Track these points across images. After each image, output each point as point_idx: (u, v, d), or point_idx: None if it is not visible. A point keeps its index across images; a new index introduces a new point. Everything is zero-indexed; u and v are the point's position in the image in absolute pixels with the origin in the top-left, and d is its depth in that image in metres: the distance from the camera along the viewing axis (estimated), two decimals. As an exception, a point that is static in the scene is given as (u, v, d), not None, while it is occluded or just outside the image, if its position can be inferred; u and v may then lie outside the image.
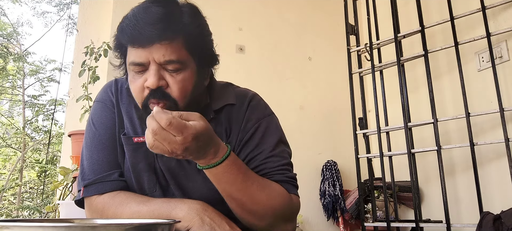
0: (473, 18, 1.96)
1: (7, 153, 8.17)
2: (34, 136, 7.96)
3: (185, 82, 0.83)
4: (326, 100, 2.69)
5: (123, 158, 0.92)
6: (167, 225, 0.52)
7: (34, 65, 8.13)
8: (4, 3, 7.83)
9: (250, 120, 0.94)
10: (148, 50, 0.79)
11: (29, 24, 10.62)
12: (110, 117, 0.95)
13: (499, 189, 1.87)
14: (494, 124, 1.89)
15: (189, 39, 0.82)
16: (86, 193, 0.88)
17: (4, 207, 7.54)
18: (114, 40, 0.87)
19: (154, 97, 0.81)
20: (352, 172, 2.15)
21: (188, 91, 0.84)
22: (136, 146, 0.90)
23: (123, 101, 0.96)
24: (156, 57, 0.79)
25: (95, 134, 0.93)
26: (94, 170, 0.89)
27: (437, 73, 2.21)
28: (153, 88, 0.80)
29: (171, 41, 0.79)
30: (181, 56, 0.81)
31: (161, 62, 0.80)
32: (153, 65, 0.80)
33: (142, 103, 0.83)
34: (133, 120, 0.93)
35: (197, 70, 0.86)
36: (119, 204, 0.85)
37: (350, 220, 2.31)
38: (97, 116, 0.96)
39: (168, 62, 0.80)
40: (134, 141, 0.90)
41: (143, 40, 0.79)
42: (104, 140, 0.92)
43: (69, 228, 0.48)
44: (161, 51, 0.79)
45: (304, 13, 2.78)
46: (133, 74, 0.84)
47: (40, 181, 7.24)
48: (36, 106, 7.81)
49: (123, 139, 0.91)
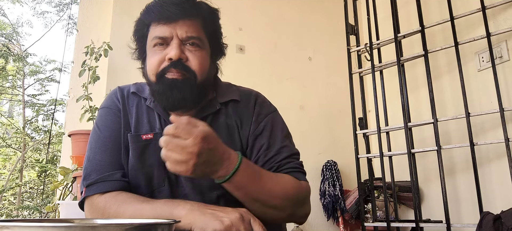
0: (473, 18, 1.96)
1: (7, 153, 8.16)
2: (34, 136, 7.96)
3: (203, 59, 0.92)
4: (326, 100, 2.69)
5: (126, 159, 0.94)
6: (167, 225, 0.52)
7: (34, 65, 8.12)
8: (4, 3, 7.83)
9: (260, 115, 1.01)
10: (172, 26, 0.89)
11: (29, 24, 10.62)
12: (115, 121, 0.97)
13: (499, 189, 1.87)
14: (494, 124, 1.89)
15: (206, 23, 0.93)
16: (87, 192, 0.89)
17: (4, 207, 7.54)
18: (136, 24, 0.97)
19: (175, 67, 0.89)
20: (352, 172, 2.15)
21: (205, 68, 0.93)
22: (145, 142, 0.93)
23: (130, 104, 1.00)
24: (179, 32, 0.89)
25: (100, 136, 0.96)
26: (96, 170, 0.91)
27: (437, 73, 2.21)
28: (174, 60, 0.88)
29: (193, 20, 0.90)
30: (200, 35, 0.91)
31: (183, 38, 0.89)
32: (175, 39, 0.89)
33: (158, 74, 0.90)
34: (142, 118, 0.97)
35: (211, 55, 0.96)
36: (121, 203, 0.86)
37: (350, 220, 2.31)
38: (102, 120, 0.99)
39: (190, 38, 0.90)
40: (143, 138, 0.93)
41: (169, 16, 0.89)
42: (107, 142, 0.94)
43: (69, 228, 0.48)
44: (184, 27, 0.89)
45: (304, 13, 2.78)
46: (154, 50, 0.92)
47: (40, 181, 7.24)
48: (36, 106, 7.81)
49: (131, 137, 0.94)
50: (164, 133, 0.72)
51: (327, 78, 2.74)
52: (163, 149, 0.73)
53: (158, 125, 0.95)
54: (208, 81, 0.96)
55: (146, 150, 0.93)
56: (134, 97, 1.00)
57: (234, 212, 0.75)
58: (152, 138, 0.92)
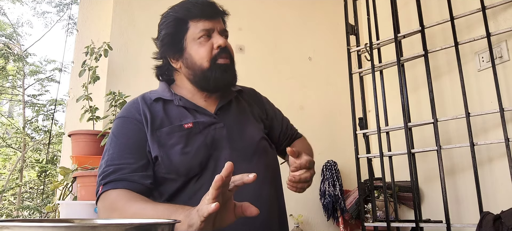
0: (473, 18, 1.96)
1: (7, 153, 8.16)
2: (34, 136, 7.96)
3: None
4: (326, 100, 2.69)
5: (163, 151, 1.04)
6: (167, 225, 0.52)
7: (34, 65, 8.13)
8: (4, 3, 7.83)
9: (267, 103, 1.34)
10: (213, 22, 1.10)
11: (29, 25, 10.62)
12: (132, 129, 1.08)
13: (499, 189, 1.87)
14: (494, 123, 1.89)
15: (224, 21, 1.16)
16: (103, 189, 1.01)
17: (4, 207, 7.54)
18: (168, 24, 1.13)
19: (224, 53, 1.10)
20: (352, 172, 2.15)
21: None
22: (188, 130, 1.07)
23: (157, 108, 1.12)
24: (218, 27, 1.11)
25: (117, 143, 1.07)
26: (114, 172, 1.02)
27: (437, 73, 2.21)
28: (223, 47, 1.09)
29: (221, 17, 1.14)
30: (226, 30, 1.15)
31: (220, 30, 1.11)
32: (216, 31, 1.10)
33: (211, 60, 1.09)
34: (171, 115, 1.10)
35: None
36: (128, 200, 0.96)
37: (350, 220, 2.31)
38: (118, 128, 1.10)
39: (223, 31, 1.13)
40: (185, 127, 1.07)
41: (211, 14, 1.11)
42: (125, 147, 1.05)
43: (69, 228, 0.47)
44: (220, 23, 1.12)
45: (304, 13, 2.78)
46: (199, 41, 1.10)
47: (40, 181, 7.24)
48: (36, 106, 7.81)
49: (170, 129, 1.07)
50: (301, 166, 0.99)
51: (327, 78, 2.73)
52: (304, 173, 1.00)
53: (190, 116, 1.11)
54: None
55: (191, 136, 1.06)
56: (158, 102, 1.14)
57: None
58: (192, 127, 1.07)
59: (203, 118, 1.10)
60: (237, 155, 1.07)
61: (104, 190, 0.99)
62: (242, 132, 1.13)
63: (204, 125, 1.09)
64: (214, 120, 1.11)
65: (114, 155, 1.04)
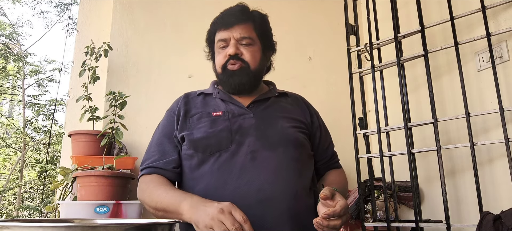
0: (473, 18, 1.96)
1: (7, 153, 8.16)
2: (34, 136, 7.96)
3: (255, 53, 1.24)
4: (326, 100, 2.68)
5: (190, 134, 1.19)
6: (167, 225, 0.52)
7: (34, 65, 8.13)
8: (4, 3, 7.83)
9: (314, 112, 1.41)
10: (229, 31, 1.22)
11: (29, 25, 10.62)
12: (168, 120, 1.29)
13: (499, 189, 1.87)
14: (494, 123, 1.89)
15: (257, 26, 1.26)
16: (141, 173, 1.23)
17: (4, 207, 7.54)
18: (207, 34, 1.32)
19: (233, 59, 1.20)
20: (352, 172, 2.14)
21: (257, 60, 1.24)
22: (215, 117, 1.20)
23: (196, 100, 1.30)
24: (235, 35, 1.21)
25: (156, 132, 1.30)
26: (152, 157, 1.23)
27: (437, 73, 2.21)
28: (231, 54, 1.19)
29: (245, 23, 1.23)
30: (251, 35, 1.23)
31: (238, 38, 1.21)
32: (232, 40, 1.21)
33: (222, 66, 1.23)
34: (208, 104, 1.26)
35: (262, 49, 1.27)
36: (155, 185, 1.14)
37: (350, 220, 2.30)
38: (163, 121, 1.31)
39: (243, 38, 1.22)
40: (213, 115, 1.21)
41: (227, 24, 1.22)
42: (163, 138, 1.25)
43: (69, 228, 0.48)
44: (238, 30, 1.21)
45: (304, 13, 2.78)
46: (219, 51, 1.25)
47: (40, 181, 7.24)
48: (36, 107, 7.80)
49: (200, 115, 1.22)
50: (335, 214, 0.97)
51: (327, 78, 2.73)
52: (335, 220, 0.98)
53: (223, 106, 1.24)
54: (261, 70, 1.28)
55: (217, 121, 1.19)
56: (199, 96, 1.31)
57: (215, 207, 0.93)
58: (221, 114, 1.21)
59: (235, 108, 1.23)
60: (262, 143, 1.14)
61: (141, 175, 1.22)
62: (272, 124, 1.21)
63: (234, 114, 1.21)
64: (244, 111, 1.22)
65: (152, 143, 1.26)
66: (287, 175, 1.12)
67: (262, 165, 1.10)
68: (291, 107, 1.32)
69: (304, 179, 1.17)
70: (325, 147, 1.36)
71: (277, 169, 1.11)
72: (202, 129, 1.18)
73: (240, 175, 1.08)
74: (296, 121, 1.27)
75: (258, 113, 1.22)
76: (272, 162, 1.12)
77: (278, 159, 1.13)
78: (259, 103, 1.26)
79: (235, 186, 1.07)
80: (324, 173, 1.36)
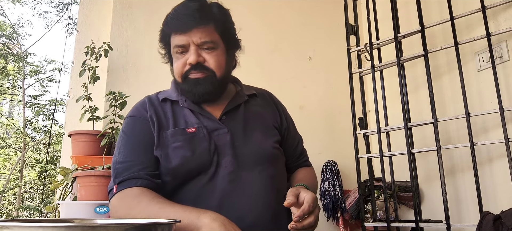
0: (473, 18, 1.96)
1: (7, 153, 8.16)
2: (34, 136, 7.96)
3: (219, 57, 1.08)
4: (326, 100, 2.68)
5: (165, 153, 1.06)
6: (167, 225, 0.52)
7: (34, 65, 8.13)
8: (4, 3, 7.83)
9: (283, 111, 1.29)
10: (188, 35, 1.04)
11: (30, 25, 10.62)
12: (142, 127, 1.10)
13: (499, 189, 1.87)
14: (494, 124, 1.89)
15: (218, 25, 1.08)
16: (119, 188, 1.02)
17: (4, 207, 7.54)
18: (160, 33, 1.13)
19: (195, 70, 1.06)
20: (352, 172, 2.15)
21: (222, 65, 1.09)
22: (190, 134, 1.07)
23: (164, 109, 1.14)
24: (194, 39, 1.04)
25: (128, 141, 1.09)
26: (127, 169, 1.03)
27: (437, 73, 2.21)
28: (193, 63, 1.05)
29: (205, 26, 1.05)
30: (213, 38, 1.07)
31: (198, 43, 1.04)
32: (192, 46, 1.05)
33: (182, 76, 1.08)
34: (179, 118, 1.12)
35: (226, 50, 1.12)
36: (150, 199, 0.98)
37: (350, 220, 2.31)
38: (129, 127, 1.12)
39: (204, 43, 1.05)
40: (188, 131, 1.08)
41: (184, 27, 1.04)
42: (135, 146, 1.07)
43: (69, 228, 0.48)
44: (198, 34, 1.04)
45: (304, 13, 2.78)
46: (177, 56, 1.08)
47: (40, 181, 7.23)
48: (36, 107, 7.80)
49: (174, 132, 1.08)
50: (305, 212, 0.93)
51: (327, 78, 2.73)
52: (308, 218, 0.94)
53: (194, 119, 1.11)
54: (227, 74, 1.14)
55: (193, 140, 1.07)
56: (166, 103, 1.15)
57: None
58: (195, 131, 1.08)
59: (207, 122, 1.10)
60: (238, 163, 1.07)
61: (121, 189, 1.01)
62: (248, 139, 1.11)
63: (208, 129, 1.09)
64: (218, 126, 1.10)
65: (126, 153, 1.06)
66: (266, 197, 1.07)
67: (241, 189, 1.05)
68: (262, 111, 1.21)
69: (281, 193, 1.12)
70: (294, 146, 1.28)
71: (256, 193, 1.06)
72: (179, 152, 1.05)
73: (219, 202, 1.02)
74: (269, 128, 1.18)
75: (232, 126, 1.12)
76: (250, 184, 1.06)
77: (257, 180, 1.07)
78: (231, 114, 1.14)
79: None
80: (293, 171, 1.31)
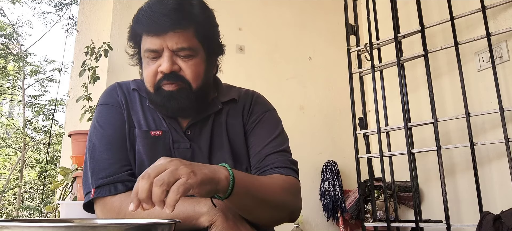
0: (473, 18, 1.96)
1: (7, 153, 8.17)
2: (34, 136, 7.96)
3: (197, 67, 0.90)
4: (326, 100, 2.68)
5: (133, 154, 0.93)
6: (167, 225, 0.52)
7: (34, 65, 8.13)
8: (4, 3, 7.83)
9: (254, 112, 1.03)
10: (162, 38, 0.86)
11: (29, 25, 10.61)
12: (118, 118, 0.96)
13: (499, 189, 1.87)
14: (494, 124, 1.89)
15: (199, 29, 0.90)
16: (98, 193, 0.87)
17: (4, 207, 7.54)
18: (129, 30, 0.94)
19: (168, 80, 0.88)
20: (352, 172, 2.15)
21: (200, 75, 0.91)
22: (154, 139, 0.94)
23: (133, 100, 0.99)
24: (170, 44, 0.86)
25: (103, 134, 0.93)
26: (104, 169, 0.89)
27: (437, 73, 2.21)
28: (167, 73, 0.87)
29: (184, 30, 0.87)
30: (192, 44, 0.89)
31: (174, 49, 0.87)
32: (166, 51, 0.87)
33: (154, 86, 0.91)
34: (147, 115, 0.97)
35: (206, 58, 0.93)
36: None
37: (350, 220, 2.31)
38: (103, 118, 0.96)
39: (181, 49, 0.87)
40: (152, 134, 0.94)
41: (158, 28, 0.86)
42: (112, 140, 0.93)
43: (69, 228, 0.48)
44: (174, 39, 0.86)
45: (304, 13, 2.78)
46: (147, 61, 0.91)
47: (40, 181, 7.23)
48: (36, 107, 7.81)
49: (139, 133, 0.94)
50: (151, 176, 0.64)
51: (327, 78, 2.73)
52: (157, 188, 0.62)
53: (162, 124, 0.96)
54: (205, 86, 0.95)
55: (155, 146, 0.93)
56: (135, 94, 1.00)
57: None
58: (161, 135, 0.94)
59: (173, 131, 0.95)
60: None
61: (100, 195, 0.87)
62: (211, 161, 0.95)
63: (172, 138, 0.95)
64: (181, 138, 0.95)
65: (102, 149, 0.91)
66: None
67: None
68: (234, 122, 1.01)
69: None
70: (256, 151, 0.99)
71: None
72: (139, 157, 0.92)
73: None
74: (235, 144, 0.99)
75: (196, 141, 0.96)
76: None
77: None
78: (197, 126, 0.97)
79: None
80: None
